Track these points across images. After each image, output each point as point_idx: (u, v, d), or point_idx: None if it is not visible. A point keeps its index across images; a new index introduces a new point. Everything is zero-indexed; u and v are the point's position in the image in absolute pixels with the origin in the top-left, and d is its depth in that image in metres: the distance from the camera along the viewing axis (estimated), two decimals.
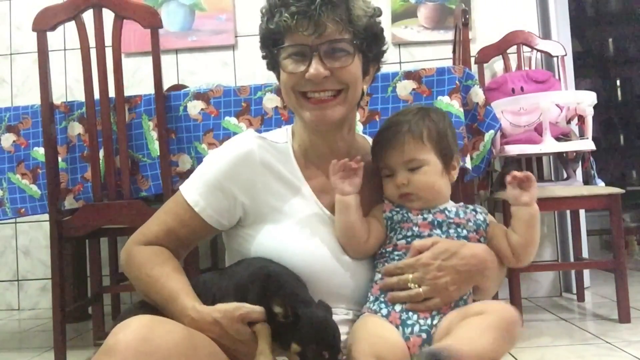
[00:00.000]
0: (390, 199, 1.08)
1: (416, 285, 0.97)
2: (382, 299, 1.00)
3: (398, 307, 0.98)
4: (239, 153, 1.06)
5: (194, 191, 1.07)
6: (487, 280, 1.02)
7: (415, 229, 1.03)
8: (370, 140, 1.19)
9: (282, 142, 1.11)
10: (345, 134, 1.10)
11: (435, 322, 0.96)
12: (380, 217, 1.06)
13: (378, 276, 1.03)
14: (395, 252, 1.03)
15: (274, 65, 1.09)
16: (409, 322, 0.96)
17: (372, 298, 1.02)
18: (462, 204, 1.10)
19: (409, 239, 1.03)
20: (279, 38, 1.04)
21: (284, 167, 1.08)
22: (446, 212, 1.05)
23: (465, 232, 1.04)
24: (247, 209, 1.06)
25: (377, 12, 1.07)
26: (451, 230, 1.04)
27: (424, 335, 0.94)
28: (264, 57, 1.11)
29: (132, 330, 0.79)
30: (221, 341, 0.90)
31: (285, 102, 1.14)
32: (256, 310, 0.89)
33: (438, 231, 1.03)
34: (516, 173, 1.01)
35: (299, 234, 1.03)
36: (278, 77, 1.09)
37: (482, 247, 1.03)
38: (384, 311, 0.98)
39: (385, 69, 1.26)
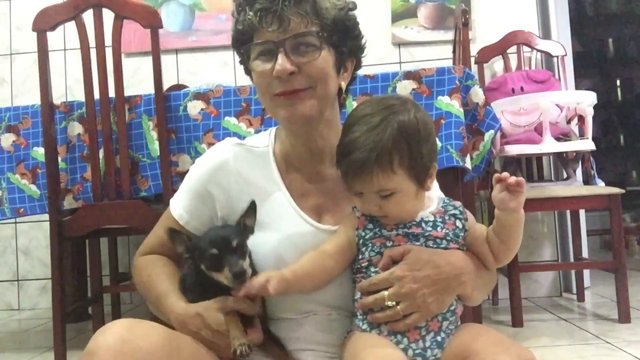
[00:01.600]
0: (365, 213, 0.98)
1: (393, 303, 0.90)
2: (367, 320, 0.94)
3: (384, 330, 0.92)
4: (213, 163, 1.07)
5: (178, 205, 1.09)
6: (467, 287, 0.94)
7: (389, 243, 0.95)
8: None
9: (262, 147, 1.10)
10: (324, 132, 1.04)
11: (427, 344, 0.90)
12: (348, 232, 0.98)
13: (358, 294, 0.96)
14: (372, 268, 0.94)
15: (248, 68, 1.06)
16: (401, 346, 0.90)
17: (359, 316, 0.96)
18: (441, 201, 1.01)
19: (384, 253, 0.95)
20: (247, 38, 1.01)
21: (262, 173, 1.07)
22: (422, 224, 0.96)
23: (444, 243, 0.96)
24: (225, 218, 1.06)
25: (350, 4, 1.03)
26: (430, 243, 0.95)
27: (419, 359, 0.90)
28: (240, 63, 1.09)
29: (112, 332, 0.80)
30: (203, 334, 0.91)
31: (262, 105, 1.12)
32: (229, 299, 0.92)
33: (417, 243, 0.95)
34: (505, 175, 0.90)
35: (273, 242, 1.00)
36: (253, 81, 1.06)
37: (457, 253, 0.96)
38: (375, 332, 0.93)
39: (385, 69, 1.26)
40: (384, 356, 0.86)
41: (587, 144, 2.24)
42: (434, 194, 1.04)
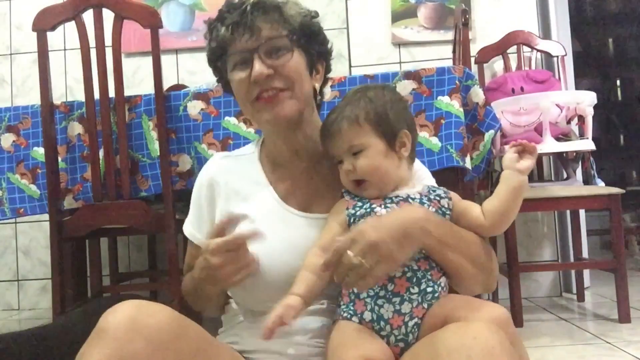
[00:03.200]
0: (348, 189, 1.04)
1: (359, 259, 0.87)
2: (352, 307, 0.95)
3: (368, 316, 0.93)
4: (201, 181, 1.17)
5: (188, 225, 1.19)
6: (431, 237, 0.93)
7: None
8: None
9: (248, 153, 1.18)
10: (307, 131, 1.11)
11: (409, 329, 0.92)
12: (341, 218, 1.00)
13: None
14: None
15: (226, 84, 1.13)
16: (383, 333, 0.92)
17: (342, 305, 0.97)
18: (426, 187, 1.04)
19: None
20: (222, 53, 1.08)
21: (248, 177, 1.13)
22: (409, 200, 1.00)
23: None
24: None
25: (313, 13, 1.10)
26: None
27: (401, 345, 0.92)
28: (218, 81, 1.16)
29: (121, 311, 0.82)
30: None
31: (245, 115, 1.17)
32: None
33: None
34: (522, 141, 0.99)
35: (263, 242, 1.00)
36: (233, 95, 1.11)
37: (415, 206, 0.98)
38: (355, 319, 0.94)
39: (385, 69, 1.26)
40: (362, 336, 0.90)
41: (587, 144, 2.24)
42: (423, 177, 1.13)
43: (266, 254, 1.01)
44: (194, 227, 1.17)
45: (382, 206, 0.99)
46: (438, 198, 1.02)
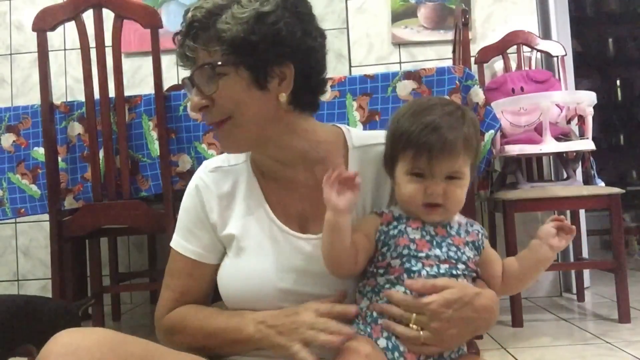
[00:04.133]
0: (409, 206, 0.94)
1: (418, 328, 0.87)
2: (369, 330, 0.90)
3: (382, 343, 0.88)
4: (194, 201, 1.05)
5: (179, 240, 1.07)
6: (489, 329, 0.93)
7: (412, 246, 0.91)
8: (349, 130, 1.08)
9: (240, 163, 1.06)
10: (283, 143, 0.98)
11: None
12: (369, 230, 0.94)
13: (364, 303, 0.93)
14: (387, 275, 0.91)
15: None
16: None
17: (360, 323, 0.92)
18: (463, 217, 0.99)
19: (405, 259, 0.90)
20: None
21: (243, 189, 1.04)
22: (448, 227, 0.94)
23: (465, 256, 0.93)
24: (224, 240, 1.04)
25: (265, 9, 0.91)
26: (451, 253, 0.92)
27: None
28: None
29: (58, 339, 0.82)
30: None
31: None
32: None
33: (437, 251, 0.91)
34: (563, 218, 0.95)
35: (256, 263, 0.99)
36: None
37: (491, 295, 0.94)
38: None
39: (385, 69, 1.25)
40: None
41: (587, 144, 2.24)
42: None
43: (259, 276, 0.97)
44: (188, 242, 1.06)
45: (418, 229, 0.93)
46: (477, 231, 0.98)
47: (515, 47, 2.76)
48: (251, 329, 0.94)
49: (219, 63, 0.91)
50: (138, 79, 2.95)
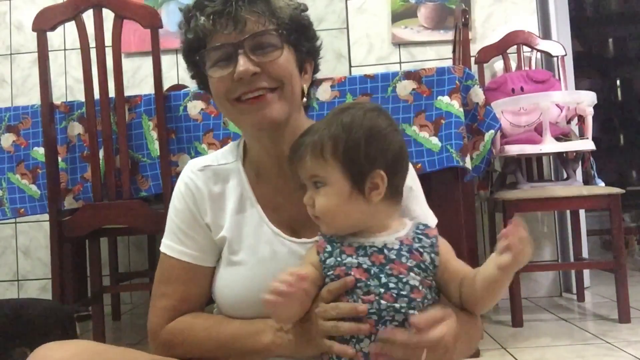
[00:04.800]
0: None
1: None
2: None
3: None
4: (186, 202, 1.02)
5: (171, 245, 1.02)
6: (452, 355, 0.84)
7: (351, 273, 0.82)
8: None
9: (230, 162, 1.03)
10: (291, 139, 0.96)
11: None
12: (314, 259, 0.87)
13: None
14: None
15: (202, 80, 1.00)
16: None
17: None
18: (413, 232, 0.88)
19: (347, 294, 0.82)
20: (200, 45, 0.95)
21: (234, 190, 1.01)
22: (385, 251, 0.84)
23: (408, 286, 0.82)
24: (219, 242, 1.02)
25: (302, 6, 0.98)
26: (391, 284, 0.81)
27: None
28: (192, 77, 1.03)
29: (35, 355, 0.85)
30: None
31: (224, 116, 1.05)
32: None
33: (375, 282, 0.81)
34: (516, 234, 0.83)
35: (253, 268, 0.97)
36: (210, 93, 0.99)
37: (452, 322, 0.84)
38: None
39: (385, 69, 1.25)
40: None
41: (587, 144, 2.24)
42: (416, 211, 1.00)
43: (257, 282, 0.93)
44: (183, 245, 1.01)
45: (354, 257, 0.84)
46: (420, 252, 0.85)
47: (515, 47, 2.76)
48: (269, 336, 0.91)
49: (285, 33, 0.94)
50: (138, 79, 2.95)
